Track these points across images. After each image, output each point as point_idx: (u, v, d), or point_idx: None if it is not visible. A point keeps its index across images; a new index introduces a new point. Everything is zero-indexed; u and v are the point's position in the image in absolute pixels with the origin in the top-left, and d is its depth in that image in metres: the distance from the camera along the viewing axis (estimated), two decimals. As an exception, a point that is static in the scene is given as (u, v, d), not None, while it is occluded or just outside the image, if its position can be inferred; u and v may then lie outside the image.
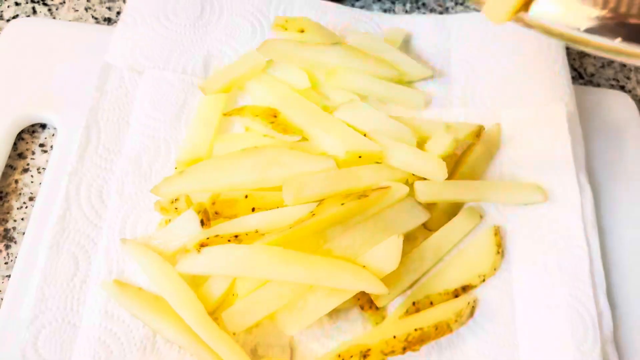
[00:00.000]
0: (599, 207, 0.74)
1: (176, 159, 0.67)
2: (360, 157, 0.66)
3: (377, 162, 0.66)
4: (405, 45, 0.82)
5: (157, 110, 0.71)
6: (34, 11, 0.81)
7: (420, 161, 0.66)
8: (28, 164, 0.70)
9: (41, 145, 0.72)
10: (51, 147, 0.71)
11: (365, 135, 0.67)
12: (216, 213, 0.62)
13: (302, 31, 0.73)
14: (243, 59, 0.74)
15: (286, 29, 0.73)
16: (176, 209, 0.63)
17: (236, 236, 0.60)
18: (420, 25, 0.84)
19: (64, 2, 0.82)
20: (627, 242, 0.73)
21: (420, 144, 0.69)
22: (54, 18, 0.81)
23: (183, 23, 0.78)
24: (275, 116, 0.69)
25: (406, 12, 0.90)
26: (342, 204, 0.59)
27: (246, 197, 0.62)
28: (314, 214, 0.59)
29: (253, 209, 0.63)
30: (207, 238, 0.60)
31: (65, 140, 0.70)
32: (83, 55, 0.76)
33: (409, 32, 0.83)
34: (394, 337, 0.57)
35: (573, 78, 0.87)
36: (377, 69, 0.74)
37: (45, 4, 0.82)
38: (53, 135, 0.72)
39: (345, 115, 0.69)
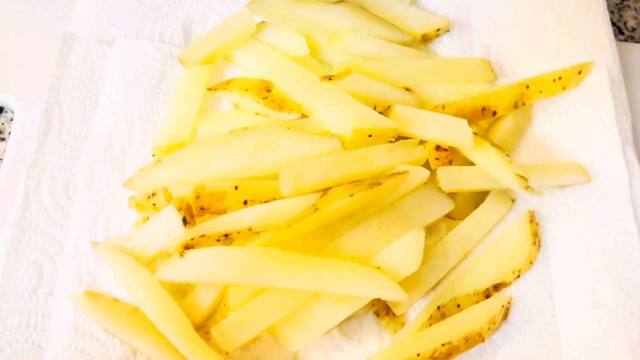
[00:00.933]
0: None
1: (153, 145, 0.57)
2: (370, 135, 0.55)
3: (390, 142, 0.56)
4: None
5: (130, 86, 0.61)
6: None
7: (440, 123, 0.56)
8: (-17, 155, 0.60)
9: (-3, 132, 0.62)
10: (9, 134, 0.61)
11: (375, 106, 0.57)
12: (202, 208, 0.52)
13: (298, -12, 0.62)
14: (229, 21, 0.63)
15: (279, -14, 0.62)
16: (154, 205, 0.53)
17: (226, 235, 0.51)
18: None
19: (21, -37, 0.71)
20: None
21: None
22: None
23: (158, -17, 0.67)
24: (268, 90, 0.58)
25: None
26: (351, 195, 0.49)
27: (236, 188, 0.52)
28: (317, 208, 0.49)
29: (245, 202, 0.53)
30: (192, 239, 0.50)
31: (25, 125, 0.60)
32: (44, 26, 0.65)
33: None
34: (418, 354, 0.48)
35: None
36: (386, 31, 0.63)
37: (-1, -34, 0.70)
38: (11, 120, 0.61)
39: (350, 85, 0.58)
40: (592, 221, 0.58)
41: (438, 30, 0.67)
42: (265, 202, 0.53)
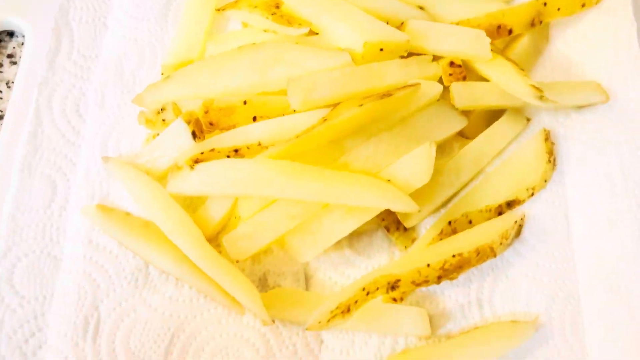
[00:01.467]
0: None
1: (162, 63, 0.57)
2: (382, 49, 0.54)
3: (403, 57, 0.55)
4: None
5: (139, 7, 0.60)
6: None
7: (456, 36, 0.55)
8: (-5, 78, 0.61)
9: (9, 56, 0.62)
10: (20, 58, 0.61)
11: (387, 22, 0.55)
12: (211, 124, 0.52)
13: None
14: (237, -59, 0.61)
15: None
16: (163, 120, 0.53)
17: (236, 150, 0.51)
18: None
19: None
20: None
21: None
22: None
23: None
24: (277, 6, 0.57)
25: None
26: (361, 105, 0.48)
27: (245, 103, 0.52)
28: (326, 119, 0.49)
29: (254, 118, 0.52)
30: (202, 153, 0.50)
31: (36, 48, 0.59)
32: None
33: None
34: (428, 265, 0.47)
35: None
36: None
37: None
38: (22, 44, 0.61)
39: (362, 1, 0.57)
40: (609, 141, 0.57)
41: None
42: (275, 117, 0.52)
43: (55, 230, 0.52)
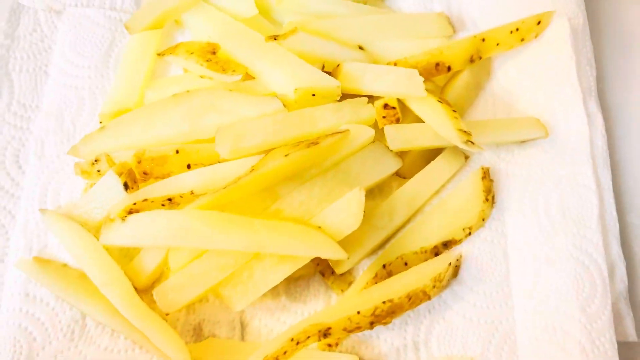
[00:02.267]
0: (613, 137, 0.62)
1: (100, 112, 0.57)
2: (314, 95, 0.54)
3: (336, 101, 0.55)
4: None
5: (80, 55, 0.61)
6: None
7: (390, 76, 0.55)
8: (-59, 128, 0.61)
9: (-45, 105, 0.62)
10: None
11: (325, 69, 0.56)
12: (145, 173, 0.52)
13: (243, -55, 0.60)
14: (176, -15, 0.62)
15: (223, -55, 0.60)
16: (98, 171, 0.53)
17: (169, 199, 0.51)
18: None
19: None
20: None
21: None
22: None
23: (109, -53, 0.66)
24: (213, 52, 0.58)
25: None
26: (286, 155, 0.48)
27: (177, 152, 0.52)
28: (253, 169, 0.49)
29: (188, 166, 0.53)
30: (135, 203, 0.51)
31: (-21, 98, 0.60)
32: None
33: None
34: (358, 312, 0.48)
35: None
36: (338, -13, 0.62)
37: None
38: (-32, 92, 0.62)
39: (297, 45, 0.57)
40: (549, 177, 0.57)
41: (394, -16, 0.65)
42: (208, 165, 0.53)
43: (-7, 283, 0.52)
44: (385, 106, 0.55)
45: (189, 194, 0.51)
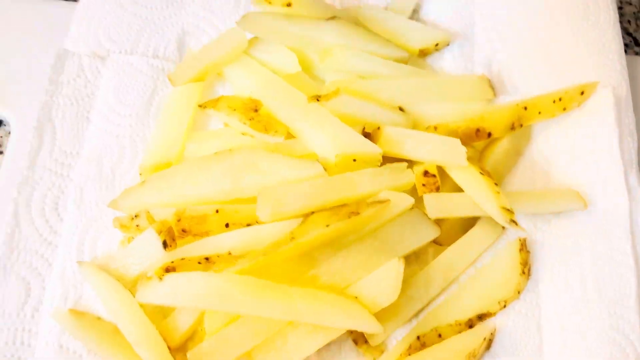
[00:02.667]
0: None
1: (140, 164, 0.58)
2: (354, 160, 0.54)
3: (376, 166, 0.55)
4: (418, 10, 0.69)
5: (122, 102, 0.61)
6: (-9, -15, 0.71)
7: (432, 143, 0.55)
8: (-19, 168, 0.62)
9: (-4, 145, 0.63)
10: (6, 147, 0.62)
11: (365, 131, 0.56)
12: (183, 230, 0.52)
13: (289, 4, 0.61)
14: (220, 39, 0.62)
15: (270, 3, 0.61)
16: (137, 226, 0.54)
17: (206, 258, 0.51)
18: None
19: (24, -26, 0.72)
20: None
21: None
22: (13, -8, 0.71)
23: (155, -5, 0.67)
24: (256, 110, 0.58)
25: (423, -31, 0.75)
26: (327, 226, 0.48)
27: (217, 211, 0.52)
28: (293, 237, 0.49)
29: (227, 225, 0.53)
30: (172, 262, 0.51)
31: (21, 140, 0.61)
32: (43, 38, 0.66)
33: (423, -6, 0.69)
34: (392, 384, 0.47)
35: (627, 45, 0.72)
36: (380, 47, 0.62)
37: (3, -23, 0.72)
38: (10, 133, 0.63)
39: (339, 106, 0.57)
40: (586, 251, 0.56)
41: (437, 45, 0.65)
42: (247, 225, 0.53)
43: (27, 333, 0.53)
44: (426, 173, 0.55)
45: (227, 254, 0.51)
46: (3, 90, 0.63)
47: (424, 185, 0.55)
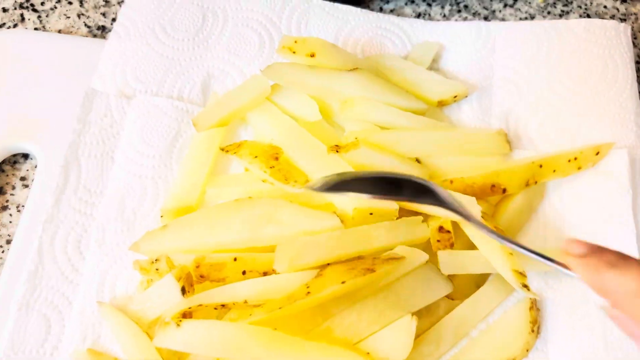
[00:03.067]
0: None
1: (162, 207, 0.59)
2: (371, 214, 0.56)
3: (392, 219, 0.56)
4: (437, 60, 0.70)
5: (145, 143, 0.63)
6: (22, 18, 0.73)
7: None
8: (7, 201, 0.64)
9: (22, 178, 0.65)
10: (32, 181, 0.64)
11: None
12: (201, 277, 0.54)
13: (313, 55, 0.62)
14: (245, 85, 0.64)
15: (294, 52, 0.62)
16: (157, 269, 0.55)
17: (223, 305, 0.52)
18: (459, 34, 0.71)
19: (55, 8, 0.74)
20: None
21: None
22: (44, 27, 0.73)
23: (181, 37, 0.69)
24: (276, 158, 0.59)
25: (444, 16, 0.77)
26: (343, 282, 0.50)
27: (235, 259, 0.54)
28: (309, 292, 0.50)
29: (244, 272, 0.54)
30: (190, 308, 0.52)
31: (48, 175, 0.62)
32: (72, 74, 0.68)
33: (443, 44, 0.70)
34: None
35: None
36: (400, 99, 0.63)
37: (34, 10, 0.74)
38: (36, 166, 0.64)
39: (358, 157, 0.58)
40: (596, 309, 0.57)
41: (455, 96, 0.66)
42: (263, 273, 0.54)
43: (46, 371, 0.54)
44: (440, 229, 0.56)
45: (242, 302, 0.53)
46: (32, 125, 0.65)
47: (438, 241, 0.56)
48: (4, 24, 0.73)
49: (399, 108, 0.63)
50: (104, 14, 0.74)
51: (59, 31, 0.73)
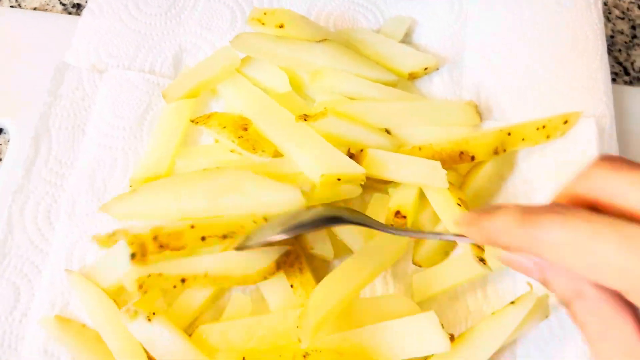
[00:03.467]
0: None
1: (131, 177, 0.59)
2: (339, 179, 0.56)
3: (358, 186, 0.57)
4: (410, 34, 0.70)
5: (116, 116, 0.63)
6: (-2, -3, 0.74)
7: (414, 166, 0.57)
8: (-20, 175, 0.64)
9: (-5, 152, 0.65)
10: (5, 155, 0.64)
11: (350, 152, 0.57)
12: (161, 246, 0.53)
13: (282, 26, 0.62)
14: (214, 56, 0.64)
15: (264, 24, 0.63)
16: (116, 242, 0.55)
17: (183, 280, 0.52)
18: (431, 10, 0.71)
19: (31, -14, 0.74)
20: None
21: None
22: (19, 5, 0.73)
23: (154, 12, 0.69)
24: (245, 128, 0.60)
25: (418, -8, 0.77)
26: None
27: (193, 227, 0.54)
28: None
29: (203, 238, 0.54)
30: (148, 276, 0.52)
31: (19, 148, 0.63)
32: (47, 50, 0.68)
33: (415, 18, 0.71)
34: None
35: (616, 74, 0.73)
36: (370, 71, 0.63)
37: (10, -11, 0.74)
38: (8, 141, 0.65)
39: (326, 126, 0.59)
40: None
41: (426, 69, 0.66)
42: (222, 235, 0.54)
43: (15, 337, 0.54)
44: (397, 214, 0.56)
45: (203, 276, 0.53)
46: (5, 100, 0.65)
47: (392, 225, 0.56)
48: (-20, 2, 0.73)
49: (370, 80, 0.63)
50: (79, -8, 0.74)
51: (35, 9, 0.73)
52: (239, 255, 0.53)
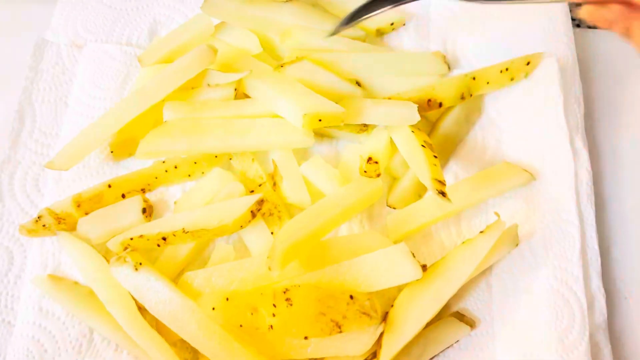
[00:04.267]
0: (600, 174, 0.64)
1: (110, 143, 0.62)
2: (320, 120, 0.57)
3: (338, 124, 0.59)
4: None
5: (97, 87, 0.66)
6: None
7: (387, 108, 0.59)
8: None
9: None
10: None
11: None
12: (86, 213, 0.58)
13: (249, -8, 0.65)
14: (188, 23, 0.66)
15: (230, -11, 0.65)
16: (44, 226, 0.58)
17: (164, 238, 0.55)
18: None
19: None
20: (635, 212, 0.63)
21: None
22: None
23: (129, -13, 0.72)
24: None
25: (386, -44, 0.79)
26: (306, 338, 0.51)
27: (109, 186, 0.59)
28: (271, 326, 0.50)
29: (123, 195, 0.59)
30: (132, 239, 0.55)
31: (4, 122, 0.65)
32: (23, 30, 0.71)
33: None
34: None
35: (581, 20, 0.75)
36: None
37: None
38: (-5, 118, 0.67)
39: (301, 73, 0.61)
40: (534, 210, 0.59)
41: (392, 24, 0.68)
42: (141, 189, 0.59)
43: (10, 297, 0.57)
44: (369, 160, 0.58)
45: (181, 232, 0.54)
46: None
47: (365, 172, 0.58)
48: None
49: (338, 35, 0.65)
50: (56, -25, 0.77)
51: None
52: (213, 209, 0.55)
